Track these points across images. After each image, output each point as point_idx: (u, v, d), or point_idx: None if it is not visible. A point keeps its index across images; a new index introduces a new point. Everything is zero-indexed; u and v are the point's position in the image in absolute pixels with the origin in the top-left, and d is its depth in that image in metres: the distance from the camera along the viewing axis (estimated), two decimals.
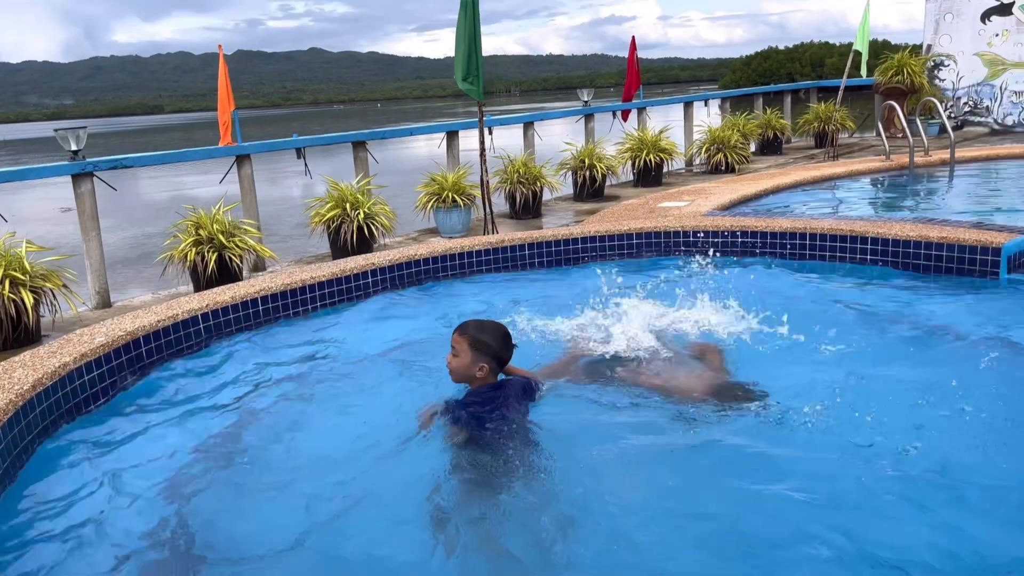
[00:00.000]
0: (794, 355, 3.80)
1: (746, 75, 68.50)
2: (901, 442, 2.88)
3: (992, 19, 14.32)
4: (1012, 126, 14.39)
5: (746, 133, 12.15)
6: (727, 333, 3.88)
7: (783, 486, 2.66)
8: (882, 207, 8.62)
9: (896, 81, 13.85)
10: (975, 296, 4.52)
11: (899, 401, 3.27)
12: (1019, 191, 8.87)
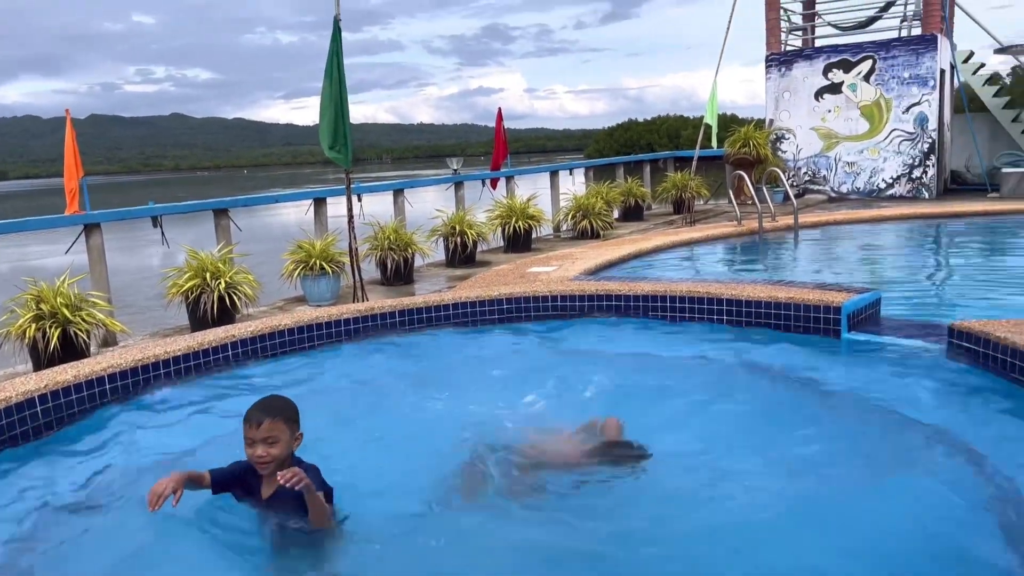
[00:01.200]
0: (658, 413, 3.91)
1: (609, 145, 71.88)
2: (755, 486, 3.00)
3: (825, 97, 15.75)
4: (847, 194, 15.72)
5: (609, 200, 12.65)
6: (594, 394, 3.95)
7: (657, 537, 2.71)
8: (736, 269, 9.13)
9: (744, 152, 14.88)
10: (820, 353, 4.81)
11: (756, 451, 3.41)
12: (856, 253, 9.63)
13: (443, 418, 3.97)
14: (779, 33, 16.26)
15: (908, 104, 14.88)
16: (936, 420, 3.71)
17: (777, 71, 16.14)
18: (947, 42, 15.73)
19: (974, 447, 3.39)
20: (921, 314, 5.88)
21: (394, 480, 3.27)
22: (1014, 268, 8.21)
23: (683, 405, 4.12)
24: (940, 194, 15.23)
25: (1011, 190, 13.83)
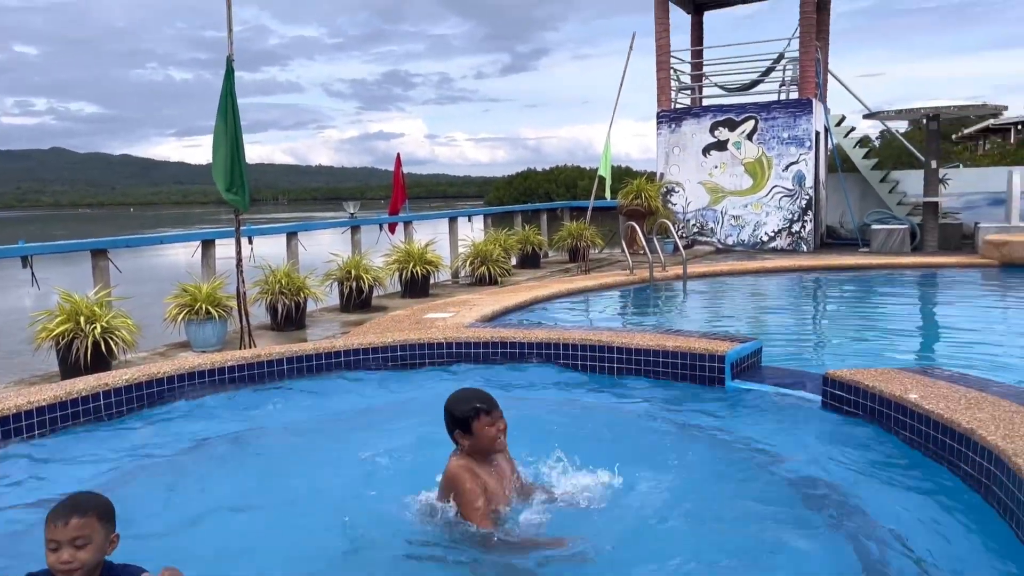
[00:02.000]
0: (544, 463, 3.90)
1: (508, 193, 72.93)
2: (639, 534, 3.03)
3: (712, 153, 16.53)
4: (732, 245, 16.44)
5: (507, 247, 12.79)
6: None
7: None
8: (628, 317, 9.35)
9: (636, 204, 15.39)
10: (705, 400, 4.96)
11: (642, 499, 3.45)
12: (740, 303, 10.04)
13: (331, 474, 3.84)
14: (669, 91, 17.03)
15: (787, 163, 15.79)
16: (813, 466, 3.85)
17: (667, 127, 16.86)
18: (821, 106, 16.86)
19: (847, 491, 3.54)
20: (799, 363, 6.16)
21: (275, 549, 3.12)
22: (882, 319, 8.74)
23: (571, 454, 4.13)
24: (817, 248, 16.13)
25: (880, 245, 14.80)
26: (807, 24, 15.58)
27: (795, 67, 16.17)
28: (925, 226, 14.74)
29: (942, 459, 3.59)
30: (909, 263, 12.08)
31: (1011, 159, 24.37)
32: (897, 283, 11.00)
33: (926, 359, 6.66)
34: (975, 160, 29.46)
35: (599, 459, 4.01)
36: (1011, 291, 10.20)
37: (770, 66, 17.12)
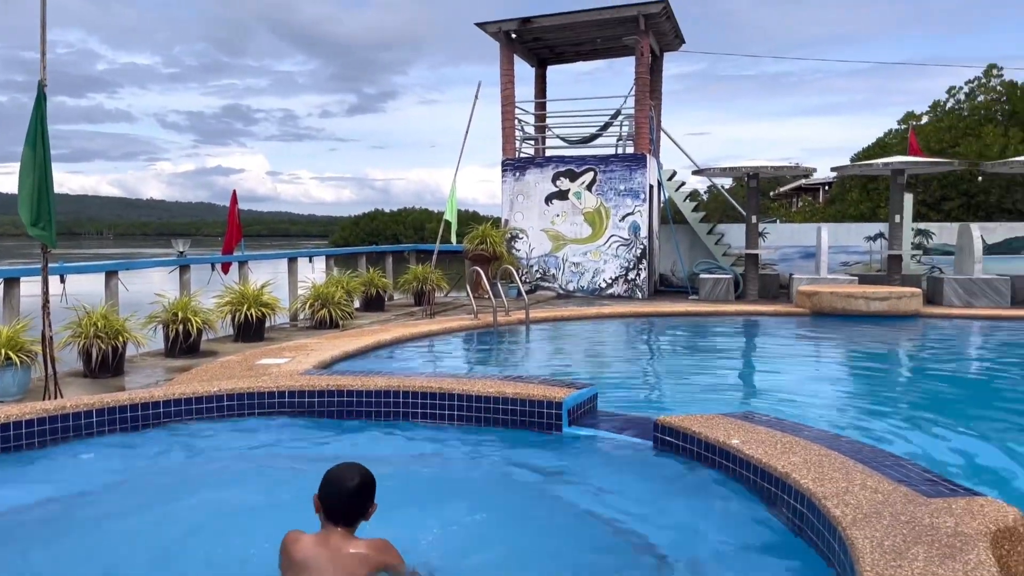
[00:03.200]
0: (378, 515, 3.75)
1: (355, 233, 71.89)
2: None
3: (554, 202, 17.03)
4: (573, 291, 16.93)
5: (350, 290, 12.49)
6: None
7: None
8: (471, 363, 9.33)
9: (481, 249, 15.55)
10: (542, 447, 4.97)
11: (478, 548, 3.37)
12: (580, 348, 10.29)
13: (145, 543, 3.49)
14: (514, 140, 17.46)
15: (624, 213, 16.54)
16: (644, 510, 3.93)
17: (512, 175, 17.24)
18: (655, 161, 17.86)
19: (676, 534, 3.63)
20: (634, 408, 6.34)
21: None
22: (710, 364, 9.22)
23: (408, 505, 4.00)
24: (651, 295, 16.92)
25: (707, 293, 15.72)
26: (641, 83, 16.53)
27: (631, 123, 17.07)
28: (747, 276, 15.82)
29: (763, 502, 3.76)
30: (733, 311, 12.89)
31: (820, 216, 26.81)
32: (723, 330, 11.68)
33: (748, 404, 7.05)
34: (789, 216, 32.23)
35: (431, 511, 3.90)
36: (820, 338, 11.08)
37: (608, 121, 17.97)
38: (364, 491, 2.82)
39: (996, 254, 17.21)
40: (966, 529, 2.70)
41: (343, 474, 2.84)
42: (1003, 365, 9.28)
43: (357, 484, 2.80)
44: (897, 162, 15.33)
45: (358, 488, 2.80)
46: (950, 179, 20.66)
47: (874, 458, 3.69)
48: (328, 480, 2.84)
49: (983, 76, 23.81)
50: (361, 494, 2.81)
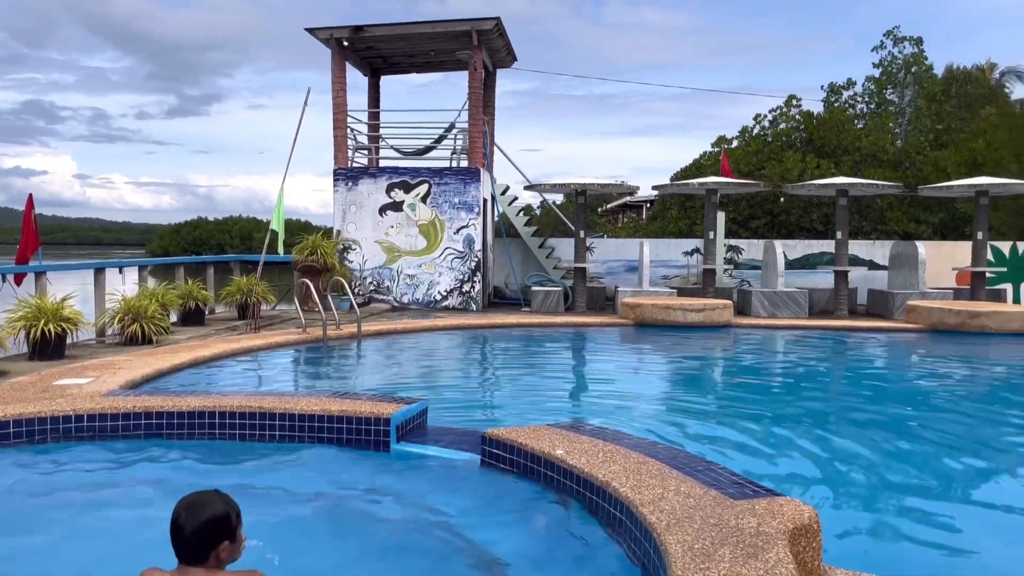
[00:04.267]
0: None
1: (175, 242, 67.68)
2: None
3: (388, 213, 16.82)
4: (408, 304, 16.78)
5: (166, 303, 11.69)
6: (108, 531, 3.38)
7: None
8: (298, 379, 8.97)
9: (311, 260, 15.06)
10: (371, 465, 4.84)
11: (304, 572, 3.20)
12: (413, 362, 10.18)
13: None
14: (346, 150, 17.11)
15: (458, 226, 16.62)
16: (470, 525, 3.90)
17: (344, 185, 16.88)
18: (488, 175, 18.10)
19: (502, 547, 3.62)
20: (466, 421, 6.32)
21: None
22: (540, 375, 9.41)
23: None
24: (485, 307, 17.09)
25: (539, 305, 16.09)
26: (475, 98, 16.72)
27: (465, 137, 17.21)
28: (576, 288, 16.35)
29: (587, 511, 3.84)
30: (562, 322, 13.25)
31: (643, 232, 28.24)
32: (553, 341, 11.97)
33: (577, 414, 7.23)
34: (616, 231, 33.74)
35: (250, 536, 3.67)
36: (642, 348, 11.62)
37: (442, 134, 18.02)
38: (202, 530, 2.42)
39: (796, 269, 18.84)
40: (767, 528, 2.86)
41: (182, 504, 2.49)
42: (803, 370, 10.12)
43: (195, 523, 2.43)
44: (711, 182, 16.43)
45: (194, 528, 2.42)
46: (757, 199, 22.42)
47: (688, 464, 3.86)
48: (173, 515, 2.47)
49: (784, 106, 26.11)
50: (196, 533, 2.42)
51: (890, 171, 22.48)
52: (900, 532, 4.23)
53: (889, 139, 24.43)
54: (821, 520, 3.09)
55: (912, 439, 6.24)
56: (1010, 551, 3.95)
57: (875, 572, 2.89)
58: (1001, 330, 11.85)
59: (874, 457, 5.61)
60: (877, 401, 7.99)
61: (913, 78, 25.55)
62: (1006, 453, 5.90)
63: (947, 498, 4.83)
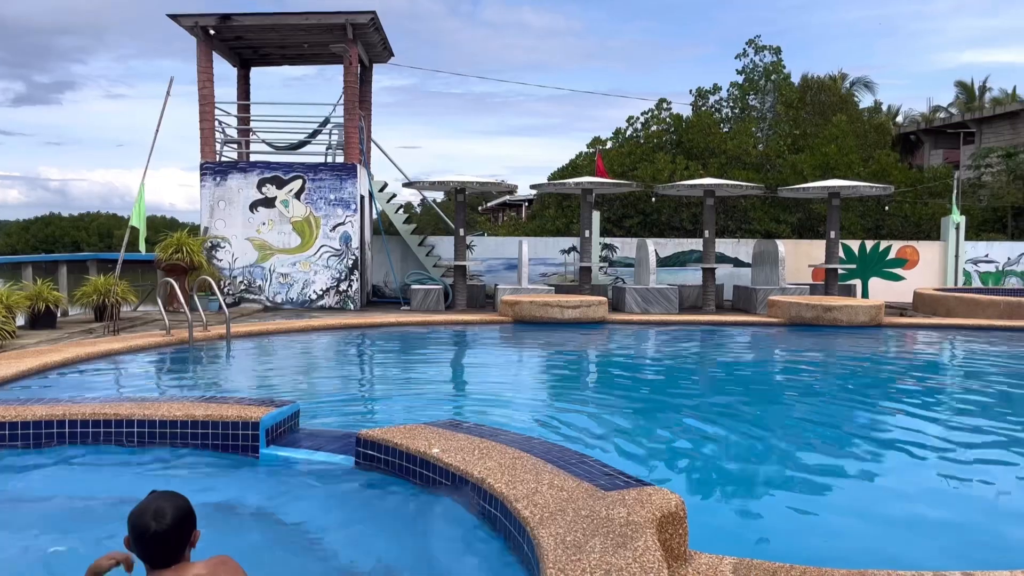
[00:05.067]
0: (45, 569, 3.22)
1: (24, 240, 62.87)
2: None
3: (259, 209, 16.23)
4: (281, 304, 16.25)
5: (11, 305, 10.82)
6: None
7: None
8: (161, 384, 8.50)
9: (177, 258, 14.34)
10: (238, 471, 4.63)
11: None
12: (286, 363, 9.85)
13: None
14: (214, 143, 16.38)
15: (334, 223, 16.25)
16: (344, 529, 3.80)
17: (212, 180, 16.15)
18: (365, 172, 17.79)
19: (378, 550, 3.54)
20: (342, 423, 6.17)
21: None
22: (419, 374, 9.32)
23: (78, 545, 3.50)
24: (364, 306, 16.80)
25: (419, 304, 15.97)
26: (350, 93, 16.39)
27: (340, 132, 16.84)
28: (456, 287, 16.33)
29: (464, 509, 3.81)
30: (442, 320, 13.19)
31: (522, 231, 28.55)
32: (433, 340, 11.90)
33: (457, 412, 7.20)
34: (495, 230, 33.96)
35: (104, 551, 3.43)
36: (521, 345, 11.74)
37: (317, 129, 17.58)
38: (177, 526, 2.48)
39: (667, 266, 19.57)
40: (636, 518, 2.93)
41: (146, 514, 2.45)
42: (674, 363, 10.51)
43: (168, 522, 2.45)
44: (586, 182, 16.80)
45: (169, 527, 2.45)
46: (630, 199, 23.10)
47: (562, 457, 3.90)
48: (133, 524, 2.45)
49: (655, 108, 27.01)
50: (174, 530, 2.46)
51: (753, 173, 23.68)
52: (761, 515, 4.44)
53: (752, 142, 25.74)
54: (688, 507, 3.19)
55: (772, 426, 6.59)
56: (861, 525, 4.22)
57: (737, 554, 3.01)
58: (851, 323, 12.71)
59: (738, 444, 5.88)
60: (741, 392, 8.39)
61: (773, 85, 27.03)
62: (856, 436, 6.32)
63: (803, 479, 5.11)
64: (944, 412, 7.36)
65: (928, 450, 5.78)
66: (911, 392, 8.43)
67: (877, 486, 5.03)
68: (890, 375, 9.71)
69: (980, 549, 3.89)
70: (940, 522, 4.29)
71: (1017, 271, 20.83)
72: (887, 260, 20.16)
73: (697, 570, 2.86)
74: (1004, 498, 4.80)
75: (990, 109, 35.64)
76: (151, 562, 2.45)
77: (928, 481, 5.10)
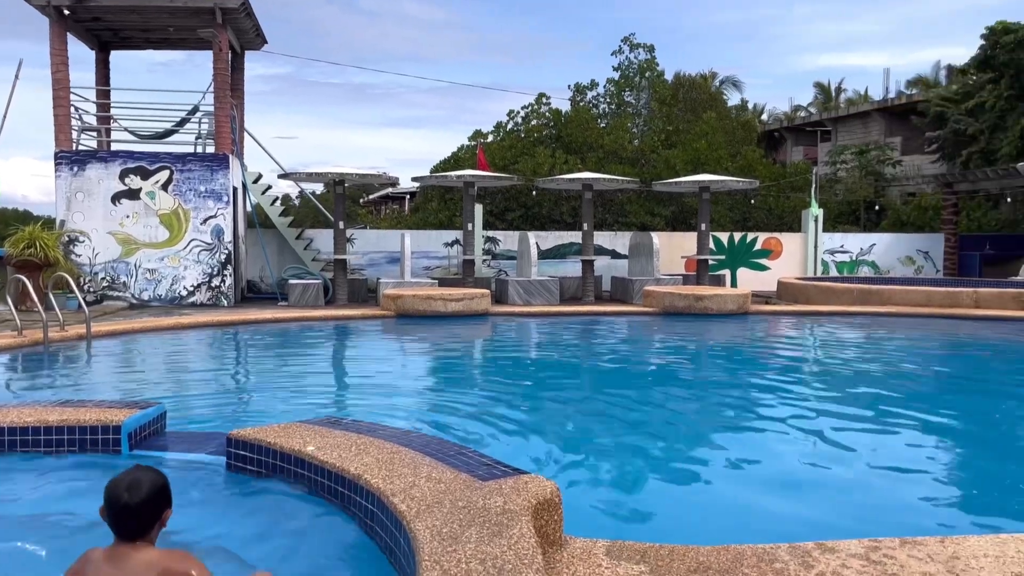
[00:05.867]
0: None
1: None
2: None
3: (123, 202, 15.34)
4: (148, 301, 15.44)
5: None
6: None
7: None
8: (11, 388, 7.89)
9: (29, 254, 13.37)
10: (100, 477, 4.35)
11: None
12: (153, 364, 9.36)
13: None
14: (70, 131, 15.35)
15: (205, 216, 15.56)
16: (216, 531, 3.65)
17: (69, 170, 15.13)
18: (238, 162, 17.12)
19: (253, 553, 3.42)
20: (212, 425, 5.92)
21: None
22: (297, 372, 9.06)
23: None
24: (238, 302, 16.18)
25: (297, 299, 15.55)
26: (221, 80, 15.73)
27: (211, 121, 16.14)
28: (336, 281, 16.00)
29: (341, 507, 3.73)
30: (321, 316, 12.90)
31: (405, 224, 28.28)
32: (312, 336, 11.61)
33: (337, 408, 7.06)
34: (377, 223, 33.49)
35: None
36: (404, 339, 11.63)
37: (185, 117, 16.78)
38: (150, 501, 2.60)
39: (548, 259, 19.88)
40: (512, 506, 2.95)
41: (121, 485, 2.59)
42: (555, 354, 10.69)
43: (141, 495, 2.58)
44: (468, 175, 16.82)
45: (142, 500, 2.57)
46: (512, 192, 23.31)
47: (441, 450, 3.89)
48: (107, 494, 2.60)
49: (535, 103, 27.36)
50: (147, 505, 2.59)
51: (629, 167, 24.39)
52: (636, 498, 4.59)
53: (628, 138, 26.49)
54: (565, 494, 3.25)
55: (647, 411, 6.81)
56: (730, 502, 4.43)
57: (612, 537, 3.09)
58: (720, 311, 13.32)
59: (615, 430, 6.05)
60: (617, 379, 8.64)
61: (647, 82, 27.90)
62: (725, 417, 6.63)
63: (676, 461, 5.32)
64: (804, 392, 7.83)
65: (790, 427, 6.14)
66: (775, 375, 8.92)
67: (744, 464, 5.29)
68: (756, 359, 10.25)
69: (841, 519, 4.17)
70: (801, 496, 4.56)
71: (869, 260, 22.44)
72: (754, 251, 21.25)
73: (572, 554, 2.92)
74: (861, 471, 5.15)
75: (844, 109, 38.18)
76: (118, 532, 2.58)
77: (790, 457, 5.41)
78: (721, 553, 2.92)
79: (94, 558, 2.60)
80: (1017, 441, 6.05)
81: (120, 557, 2.56)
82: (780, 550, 2.94)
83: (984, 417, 6.80)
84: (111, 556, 2.57)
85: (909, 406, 7.06)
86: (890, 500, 4.55)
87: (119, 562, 2.55)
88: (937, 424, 6.58)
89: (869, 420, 6.53)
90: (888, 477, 5.02)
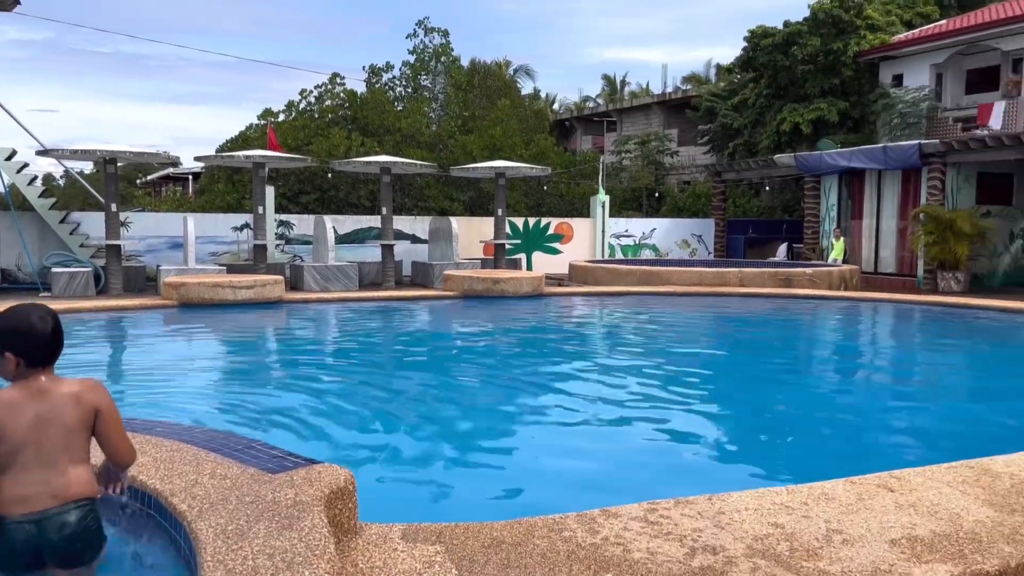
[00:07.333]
0: None
1: None
2: None
3: None
4: None
5: None
6: None
7: None
8: None
9: None
10: None
11: None
12: None
13: None
14: None
15: None
16: None
17: None
18: None
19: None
20: None
21: None
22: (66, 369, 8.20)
23: None
24: None
25: (62, 289, 14.09)
26: None
27: None
28: (109, 268, 14.68)
29: (114, 512, 3.42)
30: (92, 307, 11.77)
31: (188, 207, 26.50)
32: (81, 328, 10.56)
33: None
34: (157, 205, 31.08)
35: None
36: (187, 330, 10.90)
37: None
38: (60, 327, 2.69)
39: (346, 243, 19.48)
40: (304, 497, 2.86)
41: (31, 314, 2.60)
42: (353, 340, 10.50)
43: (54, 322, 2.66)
44: (258, 156, 16.04)
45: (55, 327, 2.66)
46: (306, 174, 22.51)
47: (226, 445, 3.68)
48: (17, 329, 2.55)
49: (329, 83, 26.57)
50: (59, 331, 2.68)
51: (427, 152, 24.39)
52: (434, 480, 4.62)
53: (425, 122, 26.49)
54: (361, 481, 3.18)
55: (444, 394, 6.88)
56: (524, 479, 4.57)
57: (409, 521, 3.08)
58: (516, 293, 13.72)
59: (413, 415, 6.05)
60: (415, 364, 8.65)
61: (443, 67, 28.03)
62: (519, 396, 6.84)
63: (473, 442, 5.42)
64: (591, 367, 8.27)
65: (578, 401, 6.45)
66: (566, 352, 9.34)
67: (535, 439, 5.49)
68: (548, 339, 10.68)
69: (623, 485, 4.43)
70: (586, 466, 4.81)
71: (650, 244, 24.10)
72: (547, 235, 22.11)
73: (367, 540, 2.88)
74: (647, 440, 5.52)
75: (628, 101, 40.64)
76: (35, 360, 2.58)
77: (577, 429, 5.69)
78: (514, 527, 3.00)
79: (6, 398, 2.53)
80: (773, 405, 6.77)
81: (43, 391, 2.57)
82: (568, 519, 3.07)
83: (747, 384, 7.55)
84: (31, 392, 2.55)
85: (683, 378, 7.68)
86: (665, 464, 4.93)
87: (45, 396, 2.57)
88: (707, 392, 7.21)
89: (649, 390, 7.02)
90: (664, 443, 5.43)
